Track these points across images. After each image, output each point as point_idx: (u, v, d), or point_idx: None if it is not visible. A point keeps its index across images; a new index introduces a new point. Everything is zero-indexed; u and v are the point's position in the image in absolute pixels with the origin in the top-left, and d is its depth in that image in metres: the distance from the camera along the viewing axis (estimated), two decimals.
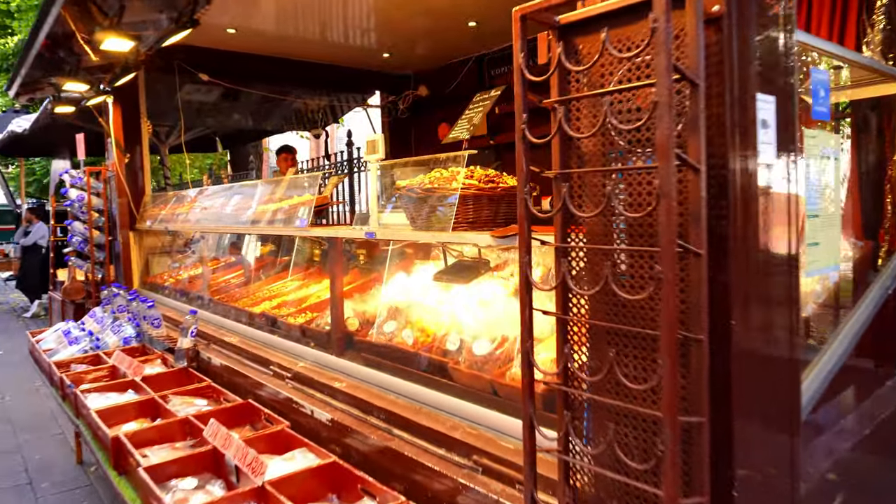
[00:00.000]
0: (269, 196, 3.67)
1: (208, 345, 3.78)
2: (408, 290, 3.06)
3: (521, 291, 1.44)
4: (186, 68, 5.78)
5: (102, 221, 5.60)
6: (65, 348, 4.20)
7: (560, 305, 1.47)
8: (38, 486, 4.63)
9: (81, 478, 4.73)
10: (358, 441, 2.36)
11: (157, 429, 2.76)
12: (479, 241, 2.16)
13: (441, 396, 2.26)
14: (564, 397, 1.48)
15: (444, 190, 2.26)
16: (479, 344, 2.25)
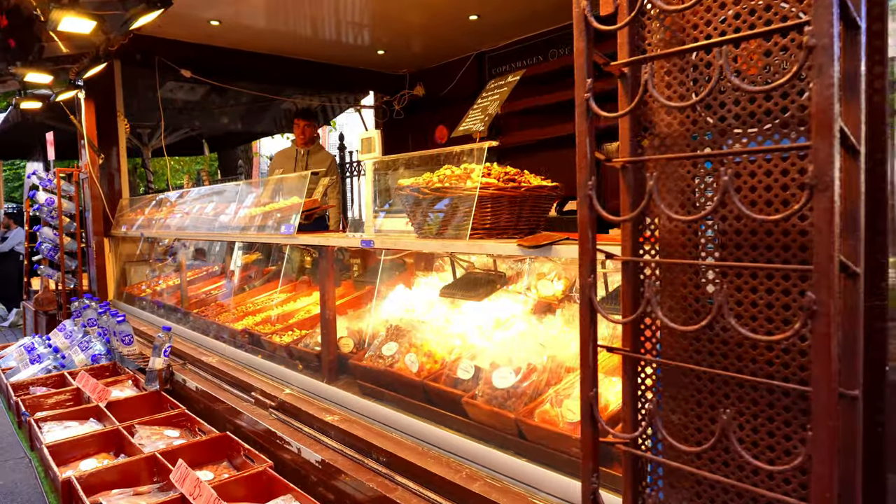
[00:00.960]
0: (255, 199, 3.28)
1: (184, 364, 3.38)
2: (410, 306, 2.69)
3: (583, 323, 1.07)
4: (168, 64, 5.39)
5: (74, 227, 5.17)
6: (26, 367, 3.79)
7: (631, 340, 1.10)
8: None
9: None
10: (353, 489, 1.97)
11: (117, 469, 2.36)
12: (504, 251, 1.78)
13: (453, 438, 1.88)
14: (634, 463, 1.12)
15: (458, 190, 1.89)
16: (501, 374, 1.87)
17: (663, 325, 1.04)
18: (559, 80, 5.45)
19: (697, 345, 1.03)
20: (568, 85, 5.08)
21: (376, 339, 2.53)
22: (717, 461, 0.99)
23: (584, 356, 1.06)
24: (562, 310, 2.22)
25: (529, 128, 5.53)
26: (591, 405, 1.05)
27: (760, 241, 0.93)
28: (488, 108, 2.25)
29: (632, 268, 1.10)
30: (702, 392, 1.02)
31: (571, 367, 1.94)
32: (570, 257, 1.59)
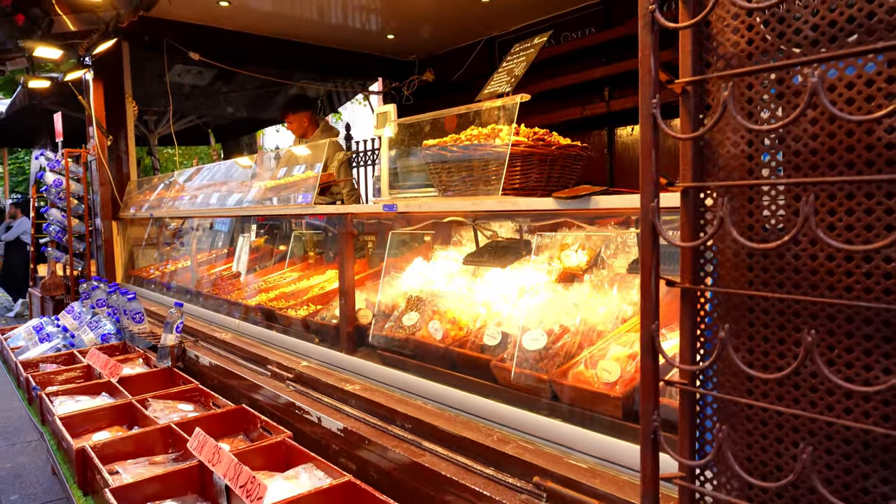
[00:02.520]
0: (269, 174, 3.22)
1: (196, 342, 3.33)
2: (430, 278, 2.62)
3: (644, 250, 1.00)
4: (176, 46, 5.33)
5: (82, 209, 5.12)
6: (35, 346, 3.74)
7: (692, 270, 1.03)
8: (6, 498, 4.16)
9: (56, 489, 4.27)
10: (378, 456, 1.91)
11: (132, 439, 2.31)
12: (538, 206, 1.72)
13: (482, 401, 1.82)
14: (691, 402, 1.05)
15: (487, 147, 1.83)
16: (531, 336, 1.82)
17: (731, 251, 0.98)
18: (571, 64, 5.38)
19: (765, 276, 0.97)
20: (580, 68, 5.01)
21: (396, 310, 2.47)
22: (793, 392, 0.93)
23: (646, 286, 1.00)
24: (590, 276, 2.16)
25: (541, 112, 5.46)
26: (653, 338, 0.99)
27: (840, 157, 0.87)
28: (514, 70, 2.19)
29: (693, 195, 1.03)
30: (772, 324, 0.96)
31: (603, 331, 1.87)
32: (612, 206, 1.53)
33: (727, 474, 0.99)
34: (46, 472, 4.54)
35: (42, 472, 4.53)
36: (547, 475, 1.50)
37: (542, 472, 1.51)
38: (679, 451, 1.04)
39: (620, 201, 1.50)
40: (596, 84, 5.21)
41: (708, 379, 1.07)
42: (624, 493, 1.36)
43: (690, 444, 1.04)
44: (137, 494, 1.90)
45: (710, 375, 1.06)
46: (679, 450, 1.04)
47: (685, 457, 1.04)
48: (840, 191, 0.89)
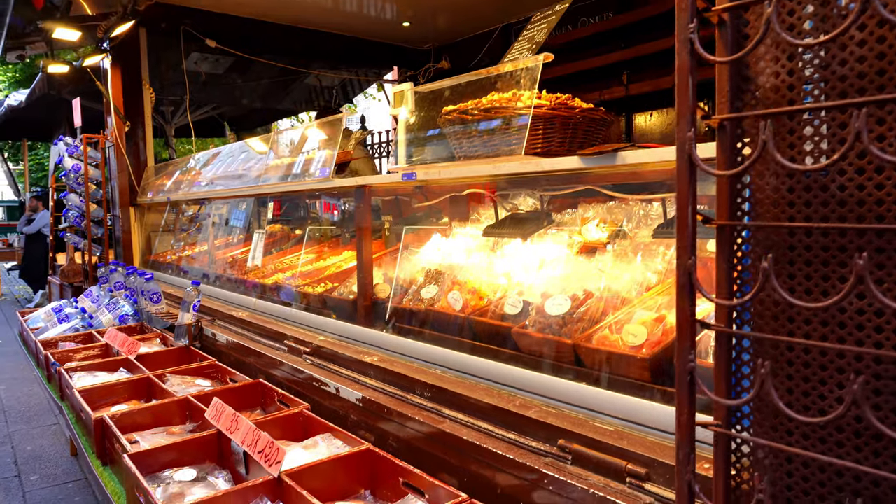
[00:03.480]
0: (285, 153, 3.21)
1: (213, 321, 3.33)
2: (448, 253, 2.59)
3: (682, 180, 0.96)
4: (192, 33, 5.34)
5: (101, 195, 5.15)
6: (54, 326, 3.76)
7: (728, 208, 0.99)
8: (26, 479, 4.20)
9: (75, 471, 4.30)
10: (397, 424, 1.89)
11: (150, 410, 2.30)
12: (562, 165, 1.67)
13: (503, 368, 1.78)
14: (727, 344, 1.01)
15: (509, 110, 1.79)
16: (554, 302, 1.78)
17: (770, 185, 0.93)
18: (588, 49, 5.32)
19: (807, 210, 0.92)
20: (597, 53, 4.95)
21: (414, 284, 2.44)
22: (838, 331, 0.88)
23: (682, 221, 0.95)
24: (613, 246, 2.12)
25: None
26: (690, 274, 0.94)
27: (891, 78, 0.82)
28: (535, 37, 2.15)
29: (730, 128, 0.99)
30: (815, 260, 0.92)
31: (628, 298, 1.83)
32: (640, 161, 1.48)
33: (767, 412, 0.94)
34: (66, 454, 4.57)
35: (61, 455, 4.57)
36: (572, 438, 1.46)
37: (567, 435, 1.47)
38: (716, 392, 1.00)
39: (649, 155, 1.46)
40: (614, 68, 5.15)
41: (746, 322, 1.03)
42: (653, 453, 1.32)
43: (727, 386, 0.99)
44: (155, 461, 1.89)
45: (747, 319, 1.01)
46: (716, 392, 1.00)
47: (721, 396, 0.99)
48: (890, 114, 0.85)
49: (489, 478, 1.57)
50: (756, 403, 0.95)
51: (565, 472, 1.41)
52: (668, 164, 1.46)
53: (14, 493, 4.01)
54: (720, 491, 0.98)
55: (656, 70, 4.86)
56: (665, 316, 1.60)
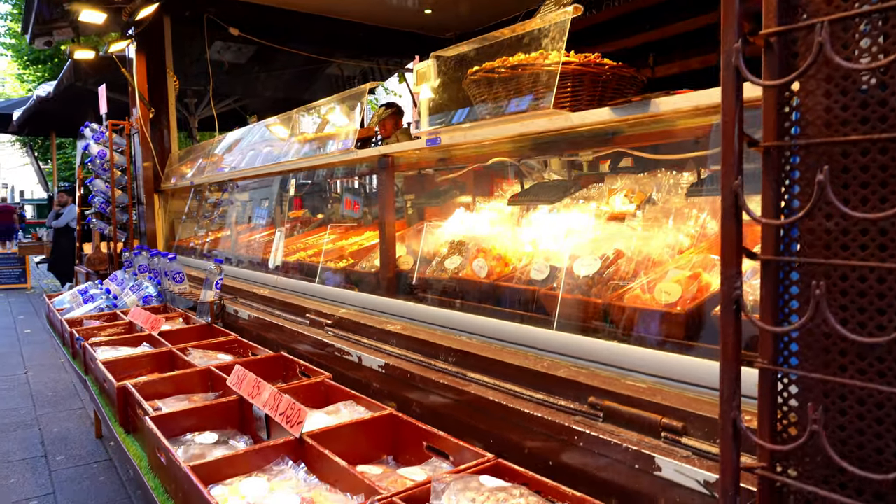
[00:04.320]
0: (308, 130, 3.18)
1: (235, 299, 3.32)
2: (472, 226, 2.54)
3: (727, 99, 0.90)
4: (216, 21, 5.37)
5: (126, 181, 5.20)
6: (79, 306, 3.79)
7: (775, 128, 0.92)
8: (52, 458, 4.25)
9: (99, 452, 4.34)
10: (420, 391, 1.85)
11: (172, 379, 2.29)
12: (593, 118, 1.62)
13: (531, 330, 1.73)
14: (774, 273, 0.94)
15: (536, 66, 1.74)
16: (583, 263, 1.72)
17: (821, 106, 0.87)
18: (614, 31, 5.24)
19: (863, 127, 0.86)
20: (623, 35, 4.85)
21: (437, 256, 2.40)
22: None
23: (728, 140, 0.89)
24: (643, 211, 2.05)
25: None
26: (736, 195, 0.88)
27: None
28: None
29: (777, 45, 0.92)
30: (873, 181, 0.85)
31: (659, 261, 1.76)
32: (677, 108, 1.42)
33: (818, 345, 0.88)
34: (91, 436, 4.62)
35: (86, 437, 4.62)
36: (603, 395, 1.41)
37: (598, 392, 1.42)
38: (762, 321, 0.93)
39: (686, 101, 1.39)
40: (640, 50, 5.05)
41: (792, 256, 0.97)
42: (690, 406, 1.26)
43: (774, 314, 0.93)
44: (177, 425, 1.87)
45: (795, 252, 0.95)
46: (762, 320, 0.93)
47: (769, 324, 0.93)
48: None
49: (517, 439, 1.52)
50: (809, 328, 0.88)
51: (597, 429, 1.36)
52: (704, 111, 1.40)
53: (41, 471, 4.06)
54: (766, 426, 0.92)
55: (684, 51, 4.76)
56: (700, 273, 1.54)
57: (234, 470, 1.54)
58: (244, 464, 1.56)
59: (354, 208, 4.93)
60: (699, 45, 4.61)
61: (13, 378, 6.22)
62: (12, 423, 4.94)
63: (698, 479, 1.13)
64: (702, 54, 4.58)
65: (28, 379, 6.22)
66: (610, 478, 1.31)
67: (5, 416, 5.11)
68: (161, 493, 1.64)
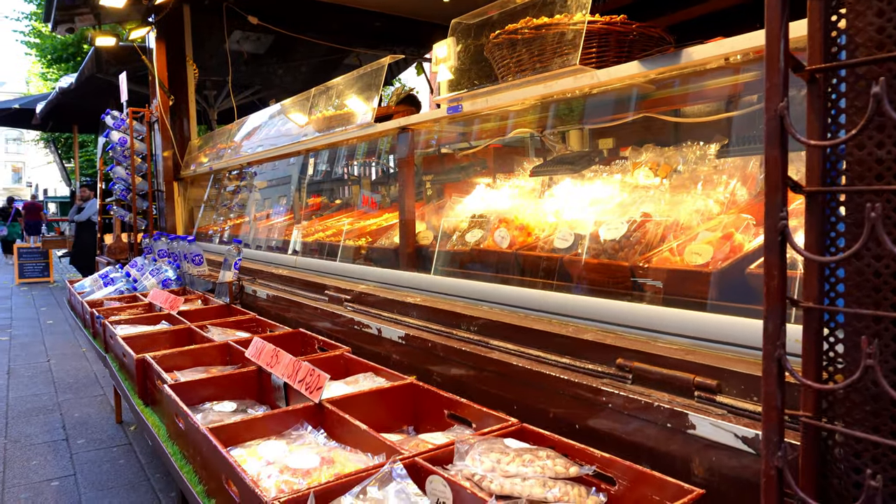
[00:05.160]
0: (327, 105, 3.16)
1: (254, 280, 3.31)
2: (494, 201, 2.50)
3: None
4: (235, 10, 5.37)
5: (146, 168, 5.23)
6: (100, 289, 3.81)
7: (821, 54, 0.87)
8: (73, 442, 4.28)
9: (119, 436, 4.37)
10: (441, 360, 1.81)
11: (191, 353, 2.28)
12: (620, 73, 1.57)
13: (555, 296, 1.68)
14: (821, 205, 0.89)
15: (561, 26, 1.69)
16: (610, 226, 1.67)
17: None
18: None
19: None
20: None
21: (458, 230, 2.36)
22: None
23: (772, 55, 0.83)
24: (669, 180, 1.99)
25: None
26: (782, 118, 0.82)
27: None
28: None
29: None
30: None
31: (688, 226, 1.71)
32: (709, 55, 1.36)
33: (867, 285, 0.82)
34: (111, 421, 4.65)
35: (107, 422, 4.65)
36: (632, 357, 1.35)
37: (626, 354, 1.37)
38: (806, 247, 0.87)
39: (719, 48, 1.34)
40: None
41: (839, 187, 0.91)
42: (724, 364, 1.20)
43: (819, 246, 0.87)
44: (195, 394, 1.85)
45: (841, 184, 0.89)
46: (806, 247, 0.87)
47: (814, 253, 0.87)
48: None
49: (542, 405, 1.47)
50: (861, 255, 0.82)
51: (626, 390, 1.31)
52: (741, 55, 1.34)
53: (62, 454, 4.09)
54: (811, 369, 0.86)
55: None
56: (732, 233, 1.48)
57: (253, 434, 1.52)
58: (263, 428, 1.53)
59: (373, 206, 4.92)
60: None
61: (36, 366, 6.29)
62: (35, 408, 4.99)
63: (736, 434, 1.07)
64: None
65: (50, 367, 6.29)
66: (640, 440, 1.26)
67: (28, 402, 5.17)
68: (180, 458, 1.62)
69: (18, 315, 9.22)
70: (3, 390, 5.51)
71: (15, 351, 6.98)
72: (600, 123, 2.17)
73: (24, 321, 8.75)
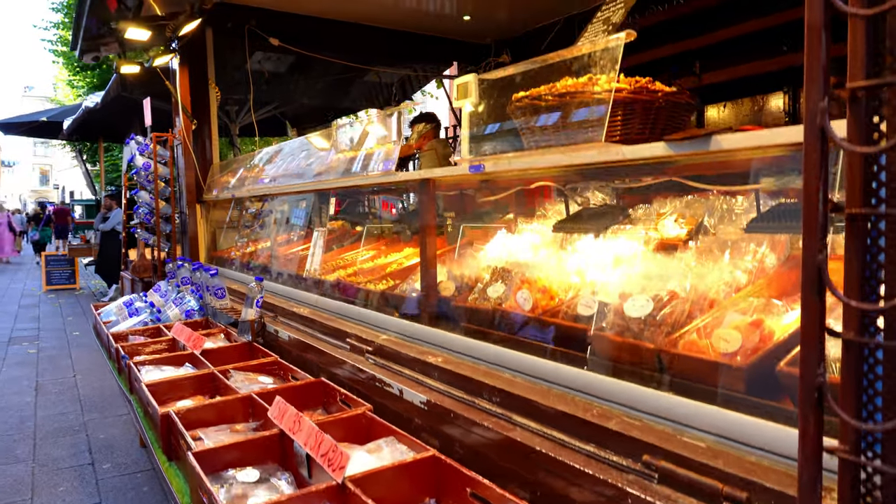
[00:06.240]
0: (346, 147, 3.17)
1: (275, 317, 3.33)
2: (515, 250, 2.48)
3: (809, 162, 0.81)
4: (257, 32, 5.41)
5: (169, 192, 5.29)
6: (125, 320, 3.86)
7: (861, 192, 0.84)
8: (99, 467, 4.36)
9: (143, 461, 4.43)
10: (463, 431, 1.79)
11: (214, 407, 2.29)
12: (646, 153, 1.54)
13: (579, 373, 1.66)
14: (858, 355, 0.86)
15: (587, 94, 1.66)
16: (635, 303, 1.64)
17: None
18: (659, 38, 5.08)
19: None
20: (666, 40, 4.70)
21: (479, 282, 2.35)
22: None
23: (811, 208, 0.80)
24: (695, 243, 1.96)
25: None
26: (820, 269, 0.79)
27: None
28: (612, 18, 2.01)
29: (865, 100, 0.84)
30: None
31: (716, 299, 1.67)
32: (742, 146, 1.33)
33: None
34: (135, 444, 4.72)
35: (131, 445, 4.72)
36: (658, 454, 1.33)
37: (652, 450, 1.34)
38: (842, 408, 0.85)
39: (752, 139, 1.30)
40: (685, 57, 4.90)
41: (878, 331, 0.88)
42: (754, 475, 1.17)
43: (856, 402, 0.84)
44: (219, 460, 1.86)
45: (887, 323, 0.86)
46: (842, 407, 0.85)
47: (851, 416, 0.84)
48: None
49: (564, 493, 1.45)
50: None
51: (651, 491, 1.28)
52: (771, 149, 1.31)
53: (88, 480, 4.16)
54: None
55: (731, 58, 4.59)
56: (762, 320, 1.44)
57: None
58: None
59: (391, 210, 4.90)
60: (747, 51, 4.44)
61: (63, 381, 6.42)
62: (62, 429, 5.09)
63: None
64: (749, 61, 4.41)
65: (76, 382, 6.41)
66: None
67: (56, 421, 5.28)
68: None
69: (46, 325, 9.42)
70: (31, 408, 5.63)
71: (43, 364, 7.13)
72: (624, 183, 2.14)
73: (51, 332, 8.93)
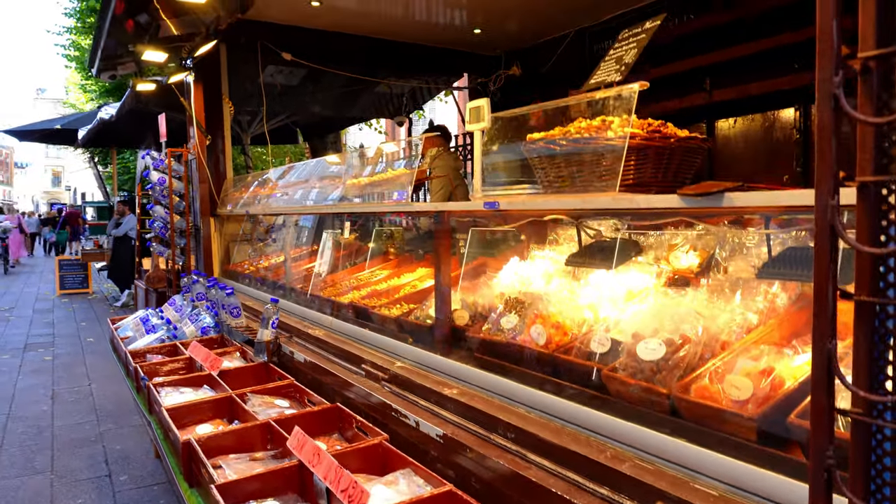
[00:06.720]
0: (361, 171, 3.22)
1: (290, 337, 3.38)
2: (528, 279, 2.52)
3: (820, 257, 0.85)
4: (270, 47, 5.48)
5: (184, 206, 5.37)
6: (142, 336, 3.93)
7: (869, 282, 0.88)
8: (116, 478, 4.43)
9: (159, 473, 4.50)
10: (479, 465, 1.84)
11: (234, 434, 2.35)
12: (659, 204, 1.58)
13: (593, 414, 1.70)
14: (866, 436, 0.90)
15: (601, 140, 1.70)
16: (648, 346, 1.68)
17: None
18: (669, 54, 5.10)
19: None
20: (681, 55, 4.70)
21: (493, 312, 2.39)
22: None
23: (821, 299, 0.84)
24: (707, 281, 1.99)
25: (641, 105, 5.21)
26: (830, 359, 0.83)
27: None
28: (624, 58, 2.04)
29: (874, 191, 0.87)
30: None
31: (727, 341, 1.71)
32: (753, 205, 1.37)
33: None
34: (150, 455, 4.79)
35: (147, 456, 4.79)
36: (671, 500, 1.37)
37: (665, 497, 1.38)
38: (851, 490, 0.89)
39: (764, 199, 1.34)
40: (695, 74, 4.92)
41: (886, 409, 0.92)
42: None
43: (865, 485, 0.88)
44: (240, 492, 1.91)
45: None
46: (851, 489, 0.89)
47: (859, 497, 0.88)
48: None
49: None
50: None
51: None
52: (783, 209, 1.34)
53: (105, 492, 4.23)
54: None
55: (741, 75, 4.60)
56: (773, 368, 1.48)
57: None
58: None
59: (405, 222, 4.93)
60: (757, 69, 4.45)
61: (79, 390, 6.51)
62: (79, 440, 5.17)
63: None
64: (760, 79, 4.43)
65: (92, 391, 6.50)
66: None
67: (73, 431, 5.36)
68: None
69: (60, 331, 9.53)
70: (48, 417, 5.72)
71: (58, 372, 7.22)
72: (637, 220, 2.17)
73: (65, 338, 9.04)
